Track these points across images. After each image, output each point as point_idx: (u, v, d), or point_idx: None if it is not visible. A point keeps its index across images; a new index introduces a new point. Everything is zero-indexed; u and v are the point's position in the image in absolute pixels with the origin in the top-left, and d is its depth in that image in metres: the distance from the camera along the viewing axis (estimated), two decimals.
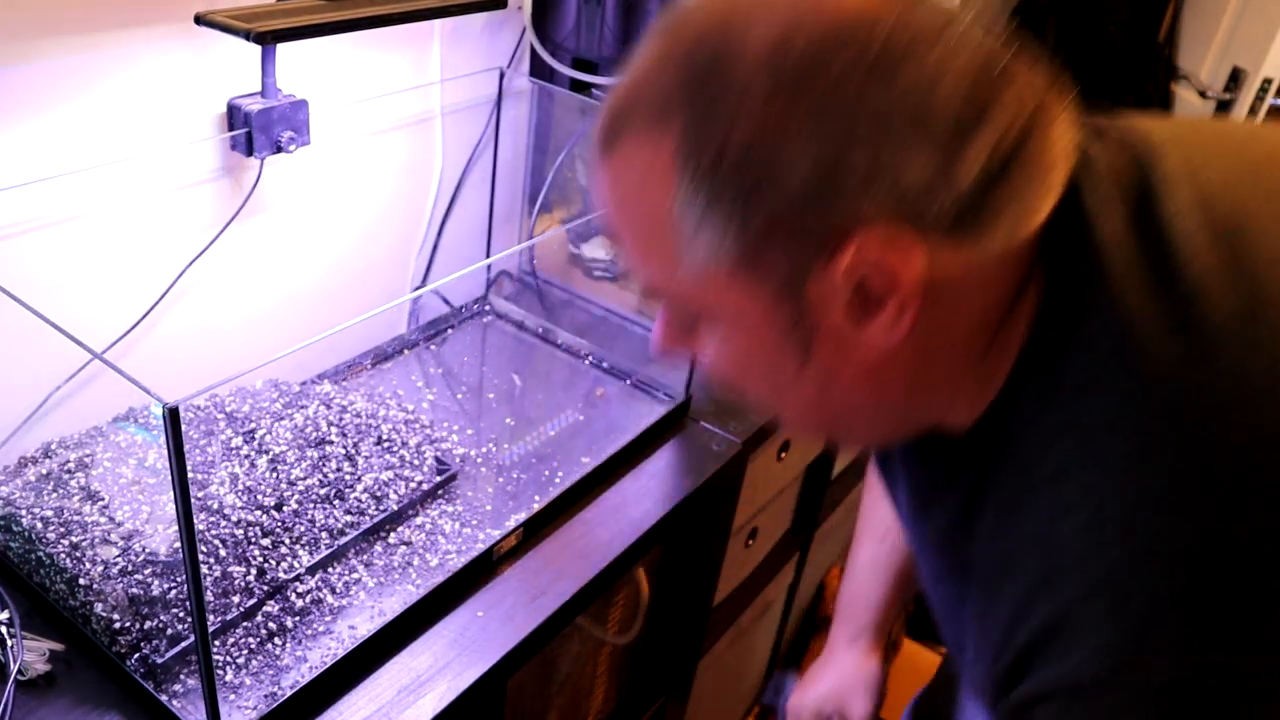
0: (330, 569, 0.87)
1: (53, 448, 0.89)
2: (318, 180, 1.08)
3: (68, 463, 0.85)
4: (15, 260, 0.85)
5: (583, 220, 1.34)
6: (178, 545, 0.79)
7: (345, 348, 1.17)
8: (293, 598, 0.83)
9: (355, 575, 0.87)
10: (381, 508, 0.92)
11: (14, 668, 0.74)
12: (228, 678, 0.77)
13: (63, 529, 0.79)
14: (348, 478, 0.91)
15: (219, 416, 0.94)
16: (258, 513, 0.84)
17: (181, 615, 0.77)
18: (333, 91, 1.05)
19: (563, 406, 1.15)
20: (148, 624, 0.77)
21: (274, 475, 0.88)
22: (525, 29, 1.24)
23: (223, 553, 0.81)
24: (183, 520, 0.62)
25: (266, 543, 0.83)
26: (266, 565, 0.83)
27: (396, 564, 0.89)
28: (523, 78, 1.28)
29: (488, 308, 1.32)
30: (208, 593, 0.78)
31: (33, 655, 0.75)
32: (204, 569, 0.79)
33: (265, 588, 0.82)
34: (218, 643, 0.79)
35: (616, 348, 1.26)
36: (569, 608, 0.90)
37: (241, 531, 0.82)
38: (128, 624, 0.76)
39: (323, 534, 0.87)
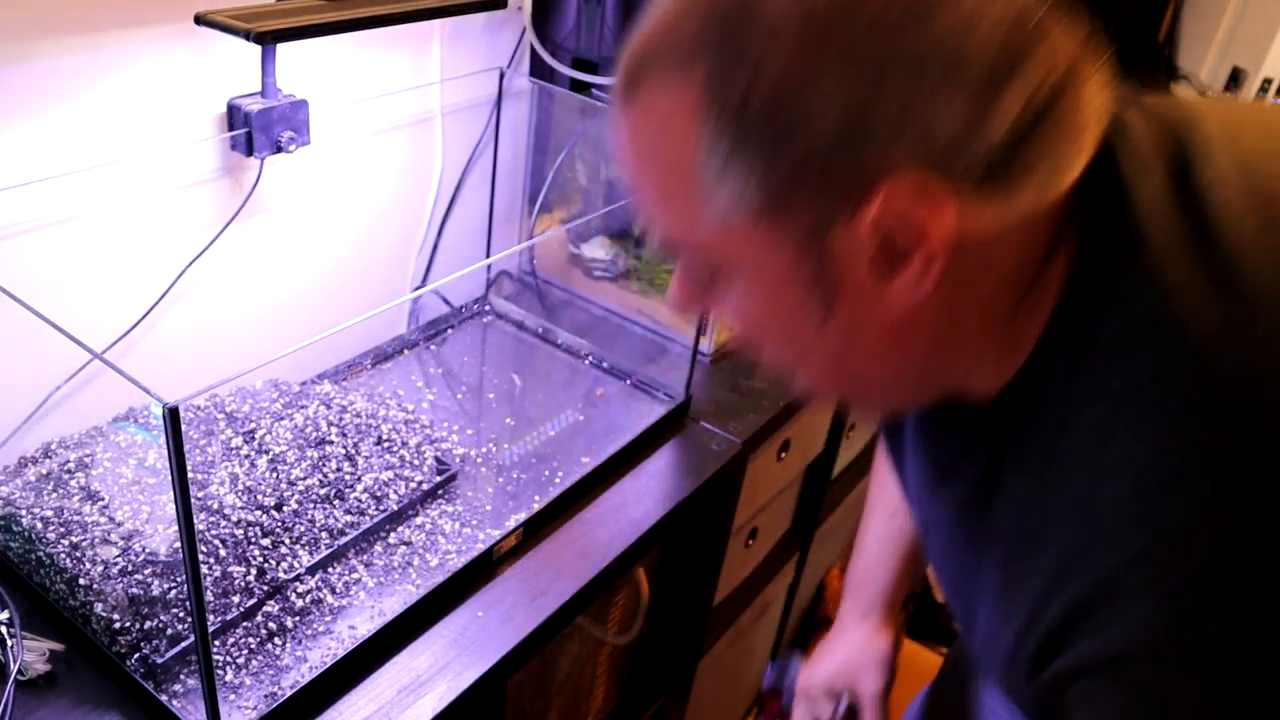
0: (330, 569, 0.87)
1: (53, 448, 0.89)
2: (318, 180, 1.08)
3: (68, 463, 0.85)
4: (15, 260, 0.85)
5: (583, 220, 1.34)
6: (178, 545, 0.79)
7: (345, 348, 1.17)
8: (293, 598, 0.83)
9: (355, 575, 0.87)
10: (381, 508, 0.92)
11: (14, 668, 0.74)
12: (228, 678, 0.77)
13: (63, 529, 0.79)
14: (348, 478, 0.91)
15: (219, 416, 0.94)
16: (258, 513, 0.84)
17: (181, 615, 0.77)
18: (333, 91, 1.05)
19: (563, 406, 1.15)
20: (148, 624, 0.77)
21: (274, 475, 0.88)
22: (525, 29, 1.24)
23: (223, 553, 0.81)
24: (183, 520, 0.62)
25: (266, 543, 0.83)
26: (266, 565, 0.83)
27: (396, 564, 0.89)
28: (523, 78, 1.28)
29: (488, 308, 1.32)
30: (208, 593, 0.78)
31: (33, 655, 0.75)
32: (204, 569, 0.79)
33: (265, 588, 0.82)
34: (218, 643, 0.79)
35: (616, 348, 1.26)
36: (569, 608, 0.90)
37: (241, 531, 0.82)
38: (128, 624, 0.76)
39: (323, 534, 0.87)
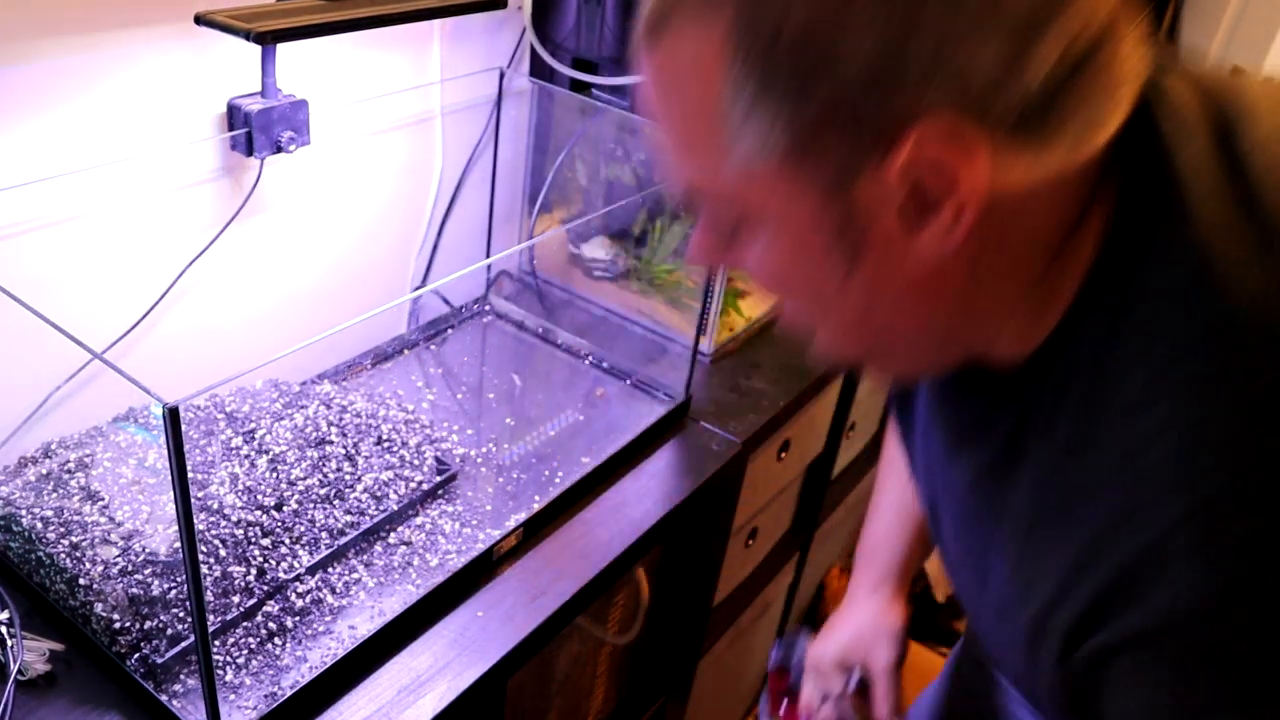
0: (330, 569, 0.87)
1: (53, 448, 0.89)
2: (318, 180, 1.08)
3: (68, 463, 0.85)
4: (15, 260, 0.85)
5: (583, 220, 1.34)
6: (178, 545, 0.79)
7: (345, 348, 1.17)
8: (293, 598, 0.83)
9: (355, 575, 0.87)
10: (381, 508, 0.92)
11: (14, 668, 0.74)
12: (228, 678, 0.77)
13: (63, 529, 0.79)
14: (348, 478, 0.91)
15: (219, 416, 0.94)
16: (258, 513, 0.84)
17: (181, 615, 0.77)
18: (333, 91, 1.05)
19: (563, 406, 1.15)
20: (148, 624, 0.77)
21: (274, 475, 0.88)
22: (525, 29, 1.24)
23: (223, 553, 0.81)
24: (183, 520, 0.62)
25: (266, 543, 0.83)
26: (266, 565, 0.83)
27: (396, 564, 0.89)
28: (523, 78, 1.28)
29: (488, 308, 1.32)
30: (208, 593, 0.78)
31: (33, 655, 0.75)
32: (204, 569, 0.79)
33: (265, 588, 0.82)
34: (218, 643, 0.79)
35: (616, 348, 1.26)
36: (569, 608, 0.90)
37: (241, 531, 0.82)
38: (128, 624, 0.76)
39: (323, 534, 0.87)
